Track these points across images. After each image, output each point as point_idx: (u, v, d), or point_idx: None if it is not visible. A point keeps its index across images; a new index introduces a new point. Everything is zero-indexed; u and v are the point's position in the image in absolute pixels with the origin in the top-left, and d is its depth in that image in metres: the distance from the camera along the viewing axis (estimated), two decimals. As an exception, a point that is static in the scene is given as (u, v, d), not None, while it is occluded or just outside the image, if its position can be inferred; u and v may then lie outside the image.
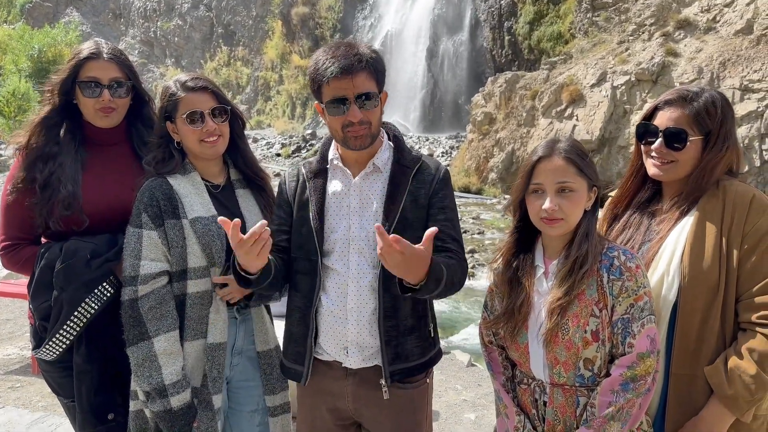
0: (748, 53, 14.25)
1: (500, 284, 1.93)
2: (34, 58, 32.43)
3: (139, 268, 2.04)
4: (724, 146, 1.90)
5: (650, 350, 1.68)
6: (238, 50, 44.18)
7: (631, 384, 1.66)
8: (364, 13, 36.19)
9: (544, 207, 1.76)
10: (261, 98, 42.20)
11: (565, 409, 1.77)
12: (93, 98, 2.25)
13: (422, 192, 1.97)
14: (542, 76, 18.84)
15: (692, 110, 1.90)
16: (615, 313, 1.71)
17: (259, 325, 2.27)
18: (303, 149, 29.92)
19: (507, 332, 1.87)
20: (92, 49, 2.29)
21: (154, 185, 2.12)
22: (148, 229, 2.07)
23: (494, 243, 12.21)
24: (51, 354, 2.19)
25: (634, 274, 1.72)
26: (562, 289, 1.73)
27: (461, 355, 5.57)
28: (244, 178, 2.33)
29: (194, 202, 2.13)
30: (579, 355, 1.72)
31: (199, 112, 2.12)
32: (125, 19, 50.35)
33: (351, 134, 1.90)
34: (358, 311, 1.95)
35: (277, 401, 2.28)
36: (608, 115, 15.99)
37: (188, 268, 2.10)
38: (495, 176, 18.89)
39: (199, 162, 2.23)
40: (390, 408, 2.00)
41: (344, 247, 1.97)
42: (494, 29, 26.80)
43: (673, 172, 1.93)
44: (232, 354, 2.22)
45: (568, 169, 1.76)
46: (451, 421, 4.19)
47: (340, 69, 1.84)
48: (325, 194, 2.03)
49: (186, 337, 2.10)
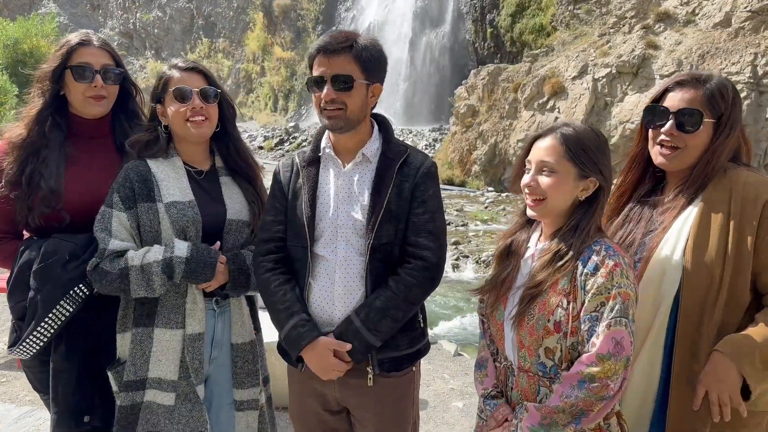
0: (727, 46, 14.46)
1: (496, 255, 1.95)
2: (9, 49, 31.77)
3: (108, 242, 2.04)
4: (733, 132, 1.82)
5: (613, 353, 1.55)
6: (219, 42, 43.76)
7: (587, 383, 1.57)
8: (346, 4, 36.03)
9: (523, 182, 1.77)
10: (243, 91, 41.87)
11: (528, 394, 1.75)
12: (85, 83, 2.21)
13: (406, 185, 1.99)
14: (524, 68, 18.94)
15: (707, 91, 1.81)
16: (583, 309, 1.62)
17: (236, 317, 2.23)
18: (286, 142, 29.78)
19: (489, 303, 1.88)
20: (83, 37, 2.27)
21: (130, 167, 2.10)
22: (117, 210, 2.06)
23: (478, 235, 12.30)
24: (25, 353, 2.15)
25: (611, 271, 1.60)
26: (538, 277, 1.70)
27: (448, 344, 5.62)
28: (230, 165, 2.29)
29: (172, 186, 2.10)
30: (540, 343, 1.69)
31: (188, 89, 2.10)
32: (103, 11, 49.55)
33: (325, 114, 1.97)
34: (345, 298, 1.98)
35: (245, 396, 2.23)
36: (590, 107, 16.14)
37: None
38: (478, 168, 18.99)
39: (184, 146, 2.20)
40: (376, 395, 2.03)
41: (332, 235, 2.00)
42: (476, 22, 26.84)
43: (680, 160, 1.84)
44: (211, 347, 2.18)
45: (556, 149, 1.71)
46: (439, 410, 4.24)
47: (319, 48, 1.96)
48: (317, 183, 2.06)
49: (158, 323, 2.07)
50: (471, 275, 9.77)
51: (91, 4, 49.87)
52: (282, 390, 2.59)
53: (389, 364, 2.01)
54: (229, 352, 2.22)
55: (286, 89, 37.93)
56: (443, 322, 7.65)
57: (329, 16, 36.23)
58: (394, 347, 2.01)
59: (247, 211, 2.23)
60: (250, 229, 2.25)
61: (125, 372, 2.09)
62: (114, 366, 2.12)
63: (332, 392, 2.07)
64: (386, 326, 1.93)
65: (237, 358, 2.21)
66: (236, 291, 2.18)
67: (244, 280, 2.16)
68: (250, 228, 2.25)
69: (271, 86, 39.12)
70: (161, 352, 2.07)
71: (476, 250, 10.89)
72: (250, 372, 2.22)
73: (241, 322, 2.23)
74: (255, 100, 40.77)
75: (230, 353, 2.22)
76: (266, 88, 39.57)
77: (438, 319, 7.72)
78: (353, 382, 2.02)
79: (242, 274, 2.15)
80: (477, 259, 10.33)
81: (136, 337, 2.09)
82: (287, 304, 1.99)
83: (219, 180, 2.25)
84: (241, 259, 2.16)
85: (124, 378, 2.08)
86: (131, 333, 2.10)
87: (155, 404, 2.07)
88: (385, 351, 2.00)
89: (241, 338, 2.22)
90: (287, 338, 1.99)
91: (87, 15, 49.40)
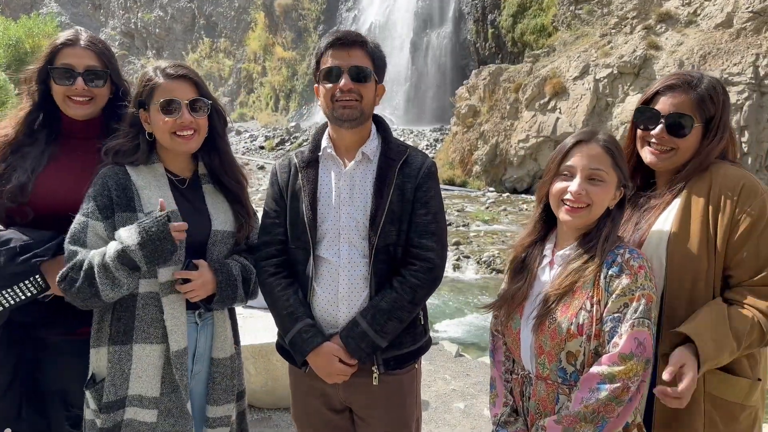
0: (728, 47, 14.47)
1: (509, 271, 1.92)
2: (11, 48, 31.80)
3: (79, 253, 1.90)
4: (724, 134, 1.84)
5: (635, 353, 1.56)
6: (220, 42, 43.80)
7: (608, 384, 1.56)
8: (347, 4, 36.05)
9: (571, 189, 1.70)
10: (244, 90, 41.90)
11: (546, 404, 1.73)
12: (65, 85, 2.13)
13: (408, 186, 2.00)
14: (526, 68, 18.95)
15: (696, 96, 1.82)
16: (606, 310, 1.63)
17: (219, 331, 2.08)
18: (287, 142, 29.81)
19: (503, 316, 1.87)
20: (69, 36, 2.18)
21: (108, 173, 1.96)
22: (94, 219, 1.92)
23: (479, 235, 12.30)
24: None
25: (636, 273, 1.62)
26: (566, 281, 1.69)
27: (449, 345, 5.62)
28: (216, 177, 2.15)
29: (153, 195, 1.96)
30: (562, 347, 1.67)
31: (177, 101, 1.96)
32: (105, 10, 49.62)
33: (339, 104, 1.95)
34: (349, 299, 1.99)
35: (219, 413, 2.07)
36: (591, 107, 16.15)
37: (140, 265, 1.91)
38: (479, 169, 19.00)
39: (168, 154, 2.06)
40: (380, 393, 2.04)
41: (334, 237, 2.00)
42: (478, 22, 26.85)
43: (672, 160, 1.86)
44: (193, 361, 2.06)
45: (604, 158, 1.70)
46: (441, 410, 4.24)
47: (337, 39, 1.97)
48: (317, 184, 2.05)
49: (136, 339, 1.94)
50: (472, 276, 9.77)
51: (92, 4, 49.94)
52: (283, 391, 2.58)
53: (393, 362, 2.02)
54: (209, 366, 2.09)
55: (287, 89, 37.96)
56: (445, 323, 7.65)
57: (330, 16, 36.25)
58: (398, 346, 2.02)
59: (232, 222, 2.10)
60: (235, 240, 2.13)
61: (105, 393, 1.95)
62: (91, 384, 1.99)
63: (336, 392, 2.07)
64: (392, 327, 1.94)
65: (216, 374, 2.07)
66: (223, 303, 2.04)
67: (231, 293, 2.03)
68: (234, 238, 2.13)
69: (272, 86, 39.16)
70: (141, 368, 1.95)
71: (477, 251, 10.89)
72: (226, 388, 2.09)
73: (224, 336, 2.09)
74: (256, 100, 40.81)
75: (209, 368, 2.09)
76: (267, 88, 39.60)
77: (439, 320, 7.72)
78: (358, 381, 2.03)
79: (229, 285, 2.02)
80: (478, 259, 10.33)
81: (114, 355, 1.95)
82: (291, 309, 2.00)
83: (202, 188, 2.12)
84: (227, 270, 2.02)
85: (104, 399, 1.95)
86: (107, 350, 1.96)
87: (136, 422, 1.96)
88: (389, 350, 2.00)
89: (222, 353, 2.08)
90: (292, 343, 2.00)
91: (88, 14, 49.48)
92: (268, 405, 4.04)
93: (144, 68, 2.09)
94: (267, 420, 3.93)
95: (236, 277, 2.03)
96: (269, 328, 2.33)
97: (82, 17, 48.32)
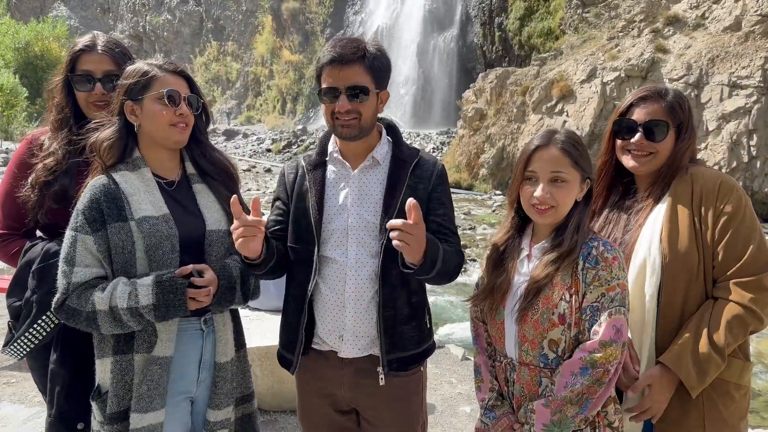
0: (737, 50, 14.41)
1: (487, 264, 2.01)
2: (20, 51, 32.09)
3: (71, 275, 1.87)
4: (691, 135, 2.05)
5: (614, 339, 1.70)
6: (227, 45, 44.00)
7: (590, 370, 1.69)
8: (354, 8, 36.14)
9: (536, 194, 1.81)
10: (251, 93, 42.07)
11: (530, 387, 1.83)
12: (86, 92, 2.21)
13: (421, 186, 2.03)
14: (533, 72, 18.94)
15: (667, 104, 2.03)
16: (585, 300, 1.75)
17: (221, 334, 2.07)
18: (294, 145, 29.89)
19: (487, 308, 1.94)
20: (87, 42, 2.23)
21: (96, 184, 1.91)
22: (83, 233, 1.87)
23: (486, 238, 12.29)
24: (16, 354, 2.09)
25: (610, 264, 1.75)
26: (544, 272, 1.79)
27: (455, 349, 5.61)
28: (202, 172, 2.14)
29: (143, 200, 1.93)
30: (544, 335, 1.78)
31: (179, 93, 1.97)
32: (113, 14, 49.96)
33: (339, 123, 1.96)
34: (356, 299, 1.99)
35: (220, 416, 2.06)
36: (598, 110, 16.11)
37: (138, 275, 1.90)
38: (486, 172, 18.98)
39: (154, 153, 2.02)
40: (386, 395, 2.05)
41: (342, 238, 2.01)
42: (485, 25, 26.87)
43: (652, 163, 2.03)
44: (199, 369, 2.05)
45: (562, 159, 1.81)
46: (447, 414, 4.23)
47: (332, 58, 1.92)
48: (324, 186, 2.07)
49: (137, 349, 1.92)
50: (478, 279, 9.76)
51: (101, 7, 50.29)
52: (290, 393, 2.58)
53: (398, 363, 2.03)
54: (212, 371, 2.07)
55: (294, 92, 38.08)
56: (450, 326, 7.64)
57: (337, 19, 36.36)
58: (402, 348, 2.03)
59: (226, 220, 2.08)
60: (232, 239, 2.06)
61: (108, 404, 1.93)
62: (96, 396, 1.98)
63: (342, 393, 2.08)
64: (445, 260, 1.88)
65: (218, 378, 2.05)
66: (219, 306, 2.03)
67: (229, 295, 2.02)
68: (231, 237, 2.04)
69: (279, 89, 39.30)
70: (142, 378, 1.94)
71: (484, 254, 10.87)
72: (228, 392, 2.08)
73: (225, 340, 2.08)
74: (263, 103, 40.96)
75: (212, 373, 2.07)
76: (274, 91, 39.74)
77: (445, 323, 7.71)
78: (364, 382, 2.04)
79: (228, 289, 2.01)
80: (484, 262, 10.31)
81: (116, 366, 1.93)
82: None
83: (192, 189, 2.09)
84: (228, 272, 2.01)
85: (108, 411, 1.93)
86: (110, 361, 1.94)
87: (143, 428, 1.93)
88: (393, 352, 2.01)
89: (225, 357, 2.07)
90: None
91: (97, 18, 49.82)
92: (275, 407, 4.04)
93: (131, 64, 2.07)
94: (273, 423, 3.93)
95: (235, 279, 2.02)
96: (276, 330, 2.33)
97: (90, 20, 48.66)
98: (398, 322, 2.02)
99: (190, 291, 1.90)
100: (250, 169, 25.34)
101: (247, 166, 25.98)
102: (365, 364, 2.03)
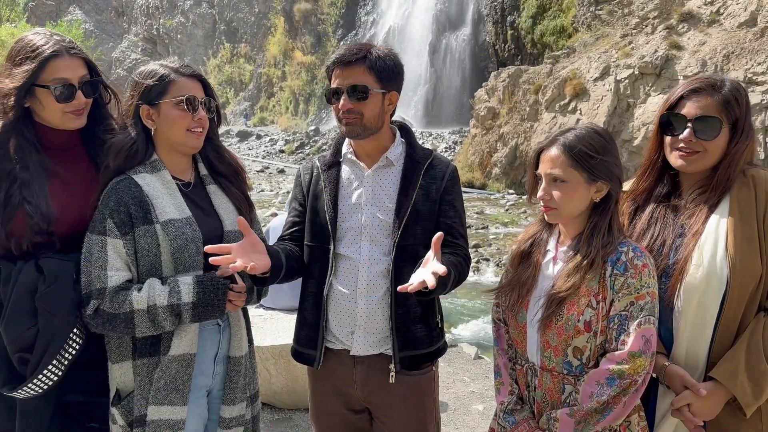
0: (752, 46, 14.23)
1: (514, 256, 1.97)
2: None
3: (107, 279, 1.83)
4: (750, 135, 1.85)
5: (643, 350, 1.65)
6: (240, 47, 44.21)
7: (617, 380, 1.65)
8: (366, 8, 36.16)
9: (537, 195, 1.84)
10: (264, 95, 42.24)
11: (552, 393, 1.79)
12: (65, 102, 1.94)
13: (434, 187, 2.07)
14: (545, 70, 18.84)
15: (722, 98, 1.83)
16: (613, 308, 1.70)
17: (235, 329, 2.08)
18: (306, 145, 29.97)
19: (509, 304, 1.91)
20: (54, 47, 1.93)
21: (121, 188, 1.88)
22: (113, 237, 1.85)
23: (498, 238, 12.26)
24: (40, 389, 1.87)
25: (640, 272, 1.69)
26: (568, 284, 1.74)
27: (468, 347, 5.63)
28: (215, 172, 2.13)
29: (166, 203, 1.92)
30: (569, 343, 1.74)
31: (198, 99, 1.96)
32: (128, 17, 50.41)
33: (343, 122, 2.03)
34: (368, 294, 2.04)
35: (235, 412, 2.06)
36: (612, 108, 15.99)
37: (163, 278, 1.90)
38: (499, 171, 18.91)
39: (171, 157, 2.01)
40: (399, 394, 2.08)
41: (356, 235, 2.06)
42: (497, 23, 26.76)
43: (701, 162, 1.86)
44: (215, 363, 2.06)
45: (560, 160, 1.77)
46: (460, 412, 4.25)
47: (335, 61, 2.02)
48: (339, 185, 2.11)
49: (163, 350, 1.92)
50: (491, 278, 9.74)
51: (115, 11, 50.76)
52: (304, 391, 2.62)
53: (409, 361, 2.06)
54: (226, 365, 2.08)
55: (307, 93, 38.18)
56: (463, 325, 7.65)
57: (349, 20, 36.40)
58: (413, 346, 2.06)
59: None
60: None
61: (135, 406, 1.91)
62: (117, 401, 1.94)
63: (355, 391, 2.11)
64: (455, 277, 1.97)
65: (232, 372, 2.06)
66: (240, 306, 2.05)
67: (249, 296, 2.08)
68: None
69: (291, 90, 39.42)
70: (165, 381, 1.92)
71: (497, 253, 10.86)
72: (242, 386, 2.08)
73: (239, 335, 2.09)
74: (276, 104, 41.11)
75: (226, 367, 2.08)
76: (287, 92, 39.87)
77: (458, 322, 7.72)
78: (376, 381, 2.07)
79: (249, 289, 2.05)
80: (498, 262, 10.31)
81: (143, 368, 1.92)
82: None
83: (206, 190, 2.09)
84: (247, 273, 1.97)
85: (135, 413, 1.91)
86: (132, 364, 1.93)
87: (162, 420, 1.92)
88: (405, 350, 2.05)
89: (239, 351, 2.08)
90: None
91: (112, 21, 50.31)
92: (289, 405, 4.09)
93: (144, 65, 2.06)
94: (287, 420, 3.97)
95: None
96: (290, 329, 2.37)
97: (105, 24, 49.16)
98: (410, 320, 2.06)
99: (230, 293, 1.93)
100: (264, 170, 25.47)
101: (261, 167, 26.12)
102: (377, 362, 2.07)
